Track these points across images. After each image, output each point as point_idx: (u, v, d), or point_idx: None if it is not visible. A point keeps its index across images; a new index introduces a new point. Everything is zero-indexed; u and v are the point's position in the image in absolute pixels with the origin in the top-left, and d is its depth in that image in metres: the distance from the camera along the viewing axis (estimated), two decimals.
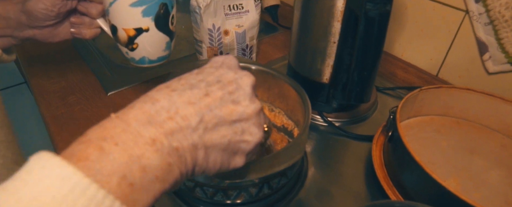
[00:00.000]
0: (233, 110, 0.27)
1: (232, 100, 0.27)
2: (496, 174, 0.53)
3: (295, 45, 0.63)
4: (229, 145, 0.28)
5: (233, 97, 0.27)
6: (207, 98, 0.26)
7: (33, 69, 0.78)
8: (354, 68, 0.51)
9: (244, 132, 0.28)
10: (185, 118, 0.25)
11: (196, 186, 0.46)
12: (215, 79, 0.28)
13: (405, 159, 0.47)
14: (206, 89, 0.27)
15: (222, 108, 0.27)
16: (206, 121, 0.26)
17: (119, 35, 0.51)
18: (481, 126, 0.61)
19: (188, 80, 0.28)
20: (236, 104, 0.27)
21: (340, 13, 0.52)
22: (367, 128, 0.64)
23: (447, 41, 0.68)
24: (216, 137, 0.27)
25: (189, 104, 0.26)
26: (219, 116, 0.26)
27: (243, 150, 0.29)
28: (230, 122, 0.27)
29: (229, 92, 0.27)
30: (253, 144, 0.29)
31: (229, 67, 0.29)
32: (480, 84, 0.65)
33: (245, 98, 0.28)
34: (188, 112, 0.25)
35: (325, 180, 0.55)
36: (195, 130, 0.25)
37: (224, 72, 0.29)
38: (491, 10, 0.58)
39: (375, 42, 0.48)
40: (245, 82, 0.28)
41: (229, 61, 0.30)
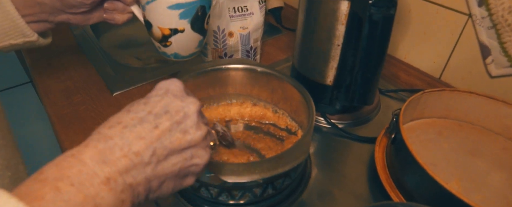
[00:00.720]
0: (182, 139, 0.29)
1: (180, 130, 0.29)
2: (498, 176, 0.54)
3: (299, 48, 0.64)
4: (180, 171, 0.30)
5: (181, 127, 0.29)
6: (156, 131, 0.28)
7: (38, 69, 0.79)
8: (358, 70, 0.51)
9: (193, 156, 0.30)
10: (137, 154, 0.27)
11: (201, 186, 0.46)
12: (163, 110, 0.29)
13: (407, 161, 0.48)
14: (155, 122, 0.28)
15: (171, 138, 0.28)
16: (158, 154, 0.28)
17: (154, 31, 0.52)
18: (483, 129, 0.61)
19: (137, 113, 0.29)
20: (184, 133, 0.29)
21: (345, 16, 0.53)
22: (370, 129, 0.65)
23: (450, 44, 0.68)
24: (167, 166, 0.29)
25: (140, 139, 0.27)
26: (169, 147, 0.28)
27: (194, 171, 0.31)
28: (179, 151, 0.29)
29: (177, 122, 0.29)
30: (202, 165, 0.31)
31: (175, 95, 0.31)
32: (483, 87, 0.66)
33: (192, 126, 0.30)
34: (140, 147, 0.27)
35: (328, 181, 0.55)
36: (148, 164, 0.27)
37: (170, 101, 0.30)
38: (494, 14, 0.59)
39: (378, 45, 0.49)
40: (191, 110, 0.30)
41: (174, 87, 0.31)
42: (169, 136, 0.28)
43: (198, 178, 0.33)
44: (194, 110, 0.30)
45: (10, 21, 0.48)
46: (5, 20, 0.48)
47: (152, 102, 0.30)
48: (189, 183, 0.32)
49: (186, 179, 0.31)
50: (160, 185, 0.29)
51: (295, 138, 0.56)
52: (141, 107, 0.29)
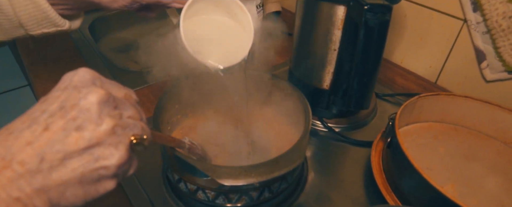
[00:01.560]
0: (79, 138, 0.24)
1: (76, 127, 0.24)
2: (493, 181, 0.54)
3: (296, 52, 0.65)
4: (85, 177, 0.25)
5: (77, 123, 0.24)
6: (46, 133, 0.24)
7: (37, 72, 0.79)
8: (354, 75, 0.52)
9: (99, 158, 0.25)
10: (22, 163, 0.23)
11: (198, 189, 0.47)
12: (58, 106, 0.25)
13: (403, 165, 0.48)
14: (46, 122, 0.24)
15: (65, 139, 0.24)
16: (48, 159, 0.23)
17: None
18: (479, 133, 0.62)
19: (31, 114, 0.25)
20: (80, 130, 0.24)
21: (341, 21, 0.53)
22: (366, 133, 0.65)
23: (445, 49, 0.69)
24: (65, 172, 0.24)
25: (27, 145, 0.23)
26: (63, 150, 0.24)
27: (105, 175, 0.26)
28: (78, 152, 0.24)
29: (72, 118, 0.24)
30: (113, 167, 0.26)
31: (75, 87, 0.26)
32: (478, 91, 0.66)
33: (91, 121, 0.24)
34: (26, 155, 0.23)
35: (325, 185, 0.55)
36: (38, 172, 0.23)
37: (68, 95, 0.25)
38: (488, 19, 0.60)
39: (374, 50, 0.49)
40: (90, 101, 0.25)
41: (77, 77, 0.27)
42: (62, 136, 0.24)
43: (121, 180, 0.28)
44: (94, 101, 0.25)
45: (42, 12, 0.47)
46: (37, 11, 0.47)
47: (50, 99, 0.25)
48: (107, 188, 0.27)
49: (100, 184, 0.26)
50: (63, 195, 0.25)
51: None
52: (38, 106, 0.26)
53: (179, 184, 0.48)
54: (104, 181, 0.26)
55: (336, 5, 0.53)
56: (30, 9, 0.47)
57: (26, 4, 0.46)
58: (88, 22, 0.98)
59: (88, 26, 0.97)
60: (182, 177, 0.47)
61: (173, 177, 0.49)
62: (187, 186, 0.47)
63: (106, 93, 0.26)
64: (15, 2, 0.46)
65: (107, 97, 0.26)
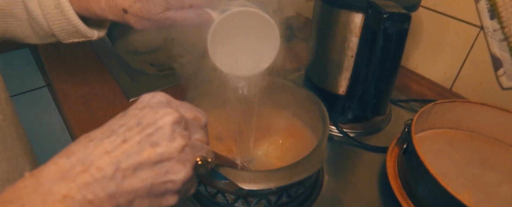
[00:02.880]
0: (153, 152, 0.27)
1: (151, 143, 0.27)
2: (508, 188, 0.54)
3: (313, 57, 0.65)
4: (153, 188, 0.27)
5: (152, 139, 0.27)
6: (124, 145, 0.26)
7: (56, 74, 0.81)
8: (371, 81, 0.52)
9: (167, 172, 0.28)
10: (100, 169, 0.25)
11: (218, 192, 0.48)
12: (136, 122, 0.28)
13: (419, 171, 0.48)
14: (125, 135, 0.27)
15: (140, 152, 0.26)
16: (122, 168, 0.26)
17: None
18: (494, 140, 0.62)
19: (110, 126, 0.28)
20: (155, 146, 0.27)
21: (358, 28, 0.54)
22: (381, 139, 0.66)
23: (461, 55, 0.69)
24: (136, 182, 0.26)
25: (105, 153, 0.26)
26: (138, 161, 0.26)
27: (171, 189, 0.28)
28: (150, 165, 0.27)
29: (148, 134, 0.27)
30: (179, 182, 0.28)
31: (152, 107, 0.29)
32: (494, 99, 0.66)
33: (164, 139, 0.27)
34: (103, 162, 0.25)
35: (340, 189, 0.56)
36: (112, 179, 0.25)
37: (145, 113, 0.28)
38: (506, 27, 0.60)
39: (392, 57, 0.50)
40: (165, 121, 0.28)
41: (154, 100, 0.30)
42: (138, 149, 0.26)
43: (183, 197, 0.31)
44: (169, 121, 0.28)
45: (72, 26, 0.50)
46: (68, 26, 0.49)
47: (128, 115, 0.28)
48: (169, 202, 0.29)
49: (164, 198, 0.29)
50: (131, 203, 0.27)
51: None
52: (117, 120, 0.28)
53: (199, 186, 0.49)
54: (168, 195, 0.29)
55: (354, 12, 0.54)
56: (63, 23, 0.49)
57: (59, 19, 0.49)
58: None
59: None
60: (202, 179, 0.48)
61: None
62: (207, 189, 0.48)
63: (179, 116, 0.29)
64: (49, 17, 0.48)
65: (180, 119, 0.29)
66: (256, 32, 0.45)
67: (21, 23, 0.50)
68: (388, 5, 0.48)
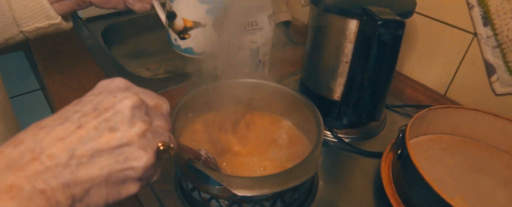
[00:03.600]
0: (111, 137, 0.25)
1: (109, 128, 0.25)
2: (502, 194, 0.54)
3: (308, 63, 0.66)
4: (111, 176, 0.26)
5: (110, 124, 0.25)
6: (79, 131, 0.25)
7: (51, 78, 0.80)
8: (366, 88, 0.53)
9: (127, 158, 0.26)
10: (52, 157, 0.24)
11: (211, 198, 0.48)
12: (92, 108, 0.26)
13: (414, 177, 0.49)
14: (80, 121, 0.25)
15: (97, 138, 0.25)
16: (78, 155, 0.24)
17: (176, 22, 0.54)
18: (488, 146, 0.62)
19: (63, 113, 0.26)
20: (113, 131, 0.25)
21: (353, 35, 0.54)
22: (376, 144, 0.66)
23: (455, 62, 0.69)
24: (92, 170, 0.25)
25: (58, 140, 0.24)
26: (94, 147, 0.25)
27: (132, 176, 0.27)
28: (108, 151, 0.25)
29: (105, 119, 0.25)
30: (141, 169, 0.27)
31: (110, 92, 0.27)
32: (488, 104, 0.67)
33: (123, 123, 0.26)
34: (56, 149, 0.24)
35: (335, 195, 0.56)
36: (66, 167, 0.24)
37: (103, 98, 0.27)
38: (499, 34, 0.60)
39: (387, 64, 0.50)
40: (124, 105, 0.26)
41: (113, 84, 0.29)
42: (94, 134, 0.25)
43: (144, 185, 0.29)
44: (128, 105, 0.26)
45: (36, 2, 0.49)
46: (32, 2, 0.49)
47: (84, 102, 0.27)
48: (130, 191, 0.28)
49: (124, 187, 0.27)
50: (87, 193, 0.25)
51: None
52: (71, 107, 0.27)
53: (193, 192, 0.49)
54: (129, 183, 0.27)
55: (349, 19, 0.54)
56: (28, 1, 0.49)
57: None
58: (101, 28, 1.00)
59: (100, 33, 0.98)
60: (196, 185, 0.48)
61: (186, 185, 0.50)
62: (201, 194, 0.48)
63: (139, 100, 0.27)
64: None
65: (140, 103, 0.27)
66: None
67: None
68: (382, 12, 0.48)
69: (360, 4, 0.52)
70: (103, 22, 1.03)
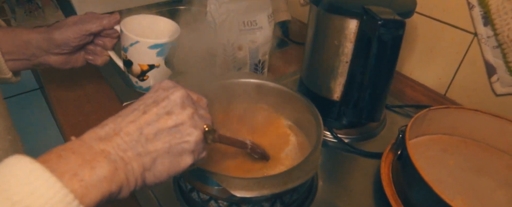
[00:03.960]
0: (168, 119, 0.33)
1: (166, 112, 0.33)
2: (502, 194, 0.54)
3: (308, 63, 0.65)
4: (171, 148, 0.33)
5: (167, 109, 0.33)
6: (144, 116, 0.33)
7: (50, 77, 0.80)
8: (366, 88, 0.52)
9: (182, 134, 0.34)
10: (128, 134, 0.31)
11: (210, 199, 0.47)
12: (152, 100, 0.34)
13: (414, 178, 0.48)
14: (144, 109, 0.33)
15: (158, 120, 0.33)
16: (146, 133, 0.32)
17: (133, 69, 0.62)
18: (488, 146, 0.62)
19: (132, 107, 0.34)
20: (170, 114, 0.33)
21: (353, 34, 0.54)
22: (376, 145, 0.66)
23: (455, 62, 0.69)
24: (158, 143, 0.32)
25: (131, 122, 0.32)
26: (157, 127, 0.33)
27: (187, 149, 0.34)
28: (168, 130, 0.33)
29: (162, 107, 0.33)
30: (193, 141, 0.34)
31: (164, 89, 0.35)
32: (488, 105, 0.67)
33: (177, 108, 0.34)
34: (130, 129, 0.32)
35: (334, 195, 0.56)
36: (138, 141, 0.32)
37: (159, 93, 0.35)
38: (499, 34, 0.60)
39: (387, 64, 0.50)
40: (175, 96, 0.34)
41: (164, 84, 0.36)
42: (156, 117, 0.33)
43: (196, 159, 0.36)
44: (178, 95, 0.34)
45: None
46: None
47: (145, 98, 0.35)
48: (186, 162, 0.34)
49: (182, 157, 0.34)
50: (154, 162, 0.32)
51: None
52: (137, 102, 0.35)
53: (192, 193, 0.49)
54: (185, 155, 0.34)
55: (349, 18, 0.54)
56: None
57: None
58: None
59: None
60: (195, 186, 0.48)
61: (185, 186, 0.50)
62: (200, 195, 0.48)
63: (186, 92, 0.36)
64: None
65: (187, 94, 0.35)
66: None
67: None
68: (383, 12, 0.48)
69: (360, 3, 0.51)
70: None
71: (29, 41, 0.55)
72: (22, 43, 0.55)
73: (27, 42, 0.55)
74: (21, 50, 0.55)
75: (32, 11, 1.04)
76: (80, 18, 0.58)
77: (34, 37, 0.55)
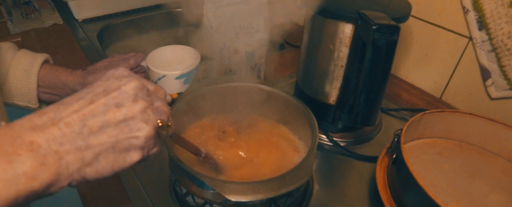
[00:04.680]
0: (117, 112, 0.30)
1: (115, 104, 0.31)
2: (497, 199, 0.54)
3: (303, 67, 0.65)
4: (118, 143, 0.30)
5: (117, 101, 0.31)
6: (91, 106, 0.30)
7: None
8: (361, 92, 0.52)
9: (131, 129, 0.31)
10: (68, 125, 0.29)
11: (205, 203, 0.47)
12: (102, 89, 0.31)
13: (408, 182, 0.48)
14: (92, 99, 0.30)
15: (106, 112, 0.30)
16: (90, 125, 0.29)
17: None
18: (483, 150, 0.62)
19: (78, 94, 0.31)
20: (119, 107, 0.31)
21: (349, 39, 0.54)
22: (371, 148, 0.66)
23: (450, 65, 0.70)
24: (102, 137, 0.30)
25: (74, 112, 0.29)
26: (103, 119, 0.30)
27: (135, 145, 0.31)
28: (115, 123, 0.30)
29: (112, 97, 0.31)
30: (143, 137, 0.31)
31: (117, 78, 0.33)
32: (483, 108, 0.67)
33: (128, 100, 0.31)
34: (72, 119, 0.29)
35: (329, 199, 0.56)
36: (79, 134, 0.29)
37: (110, 83, 0.32)
38: (494, 38, 0.60)
39: (382, 68, 0.50)
40: (129, 86, 0.32)
41: (118, 73, 0.34)
42: (103, 109, 0.30)
43: (145, 156, 0.33)
44: (132, 86, 0.32)
45: (26, 88, 0.57)
46: (23, 87, 0.56)
47: (95, 86, 0.32)
48: (133, 158, 0.32)
49: (129, 154, 0.32)
50: (96, 157, 0.30)
51: None
52: (85, 89, 0.32)
53: (187, 197, 0.49)
54: (132, 151, 0.32)
55: (344, 23, 0.54)
56: (21, 82, 0.56)
57: (21, 76, 0.56)
58: (97, 30, 1.00)
59: (96, 34, 0.98)
60: (190, 190, 0.48)
61: (180, 190, 0.50)
62: (195, 199, 0.48)
63: (141, 83, 0.33)
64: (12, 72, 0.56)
65: (142, 85, 0.33)
66: None
67: None
68: (377, 17, 0.48)
69: (356, 8, 0.52)
70: (99, 24, 1.03)
71: (66, 83, 0.58)
72: (60, 83, 0.58)
73: (65, 83, 0.58)
74: (57, 88, 0.59)
75: (29, 13, 1.04)
76: (110, 61, 0.62)
77: (71, 79, 0.58)
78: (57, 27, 1.02)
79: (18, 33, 0.96)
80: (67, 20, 1.04)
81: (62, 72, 0.59)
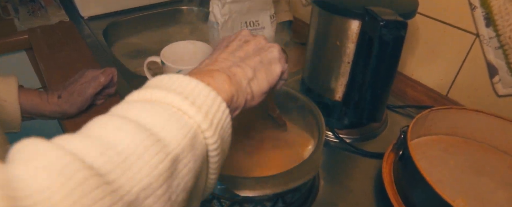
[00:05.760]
0: (249, 44, 0.41)
1: (244, 42, 0.41)
2: (503, 195, 0.54)
3: (310, 63, 0.66)
4: (262, 59, 0.39)
5: (243, 40, 0.41)
6: (228, 48, 0.40)
7: (52, 77, 0.80)
8: (368, 88, 0.52)
9: (265, 48, 0.40)
10: (224, 59, 0.38)
11: (213, 198, 0.48)
12: (231, 41, 0.42)
13: (415, 178, 0.48)
14: (226, 44, 0.41)
15: (242, 46, 0.40)
16: (238, 55, 0.39)
17: None
18: (489, 147, 0.62)
19: (212, 54, 0.40)
20: (248, 42, 0.41)
21: (355, 35, 0.54)
22: (377, 145, 0.66)
23: (457, 62, 0.69)
24: (251, 58, 0.39)
25: (221, 53, 0.39)
26: (244, 49, 0.40)
27: (275, 57, 0.40)
28: (253, 49, 0.40)
29: (239, 40, 0.41)
30: (276, 50, 0.41)
31: (254, 37, 0.42)
32: (489, 105, 0.67)
33: (250, 37, 0.42)
34: (224, 55, 0.39)
35: (335, 195, 0.56)
36: (234, 61, 0.38)
37: (259, 42, 0.41)
38: (501, 35, 0.60)
39: (389, 65, 0.50)
40: (245, 31, 0.43)
41: (245, 32, 0.43)
42: (238, 45, 0.41)
43: (284, 68, 0.41)
44: (259, 37, 0.42)
45: (10, 118, 0.62)
46: (6, 117, 0.61)
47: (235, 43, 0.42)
48: (277, 70, 0.40)
49: (272, 66, 0.40)
50: (254, 72, 0.38)
51: None
52: (235, 42, 0.41)
53: None
54: (274, 64, 0.40)
55: (351, 19, 0.54)
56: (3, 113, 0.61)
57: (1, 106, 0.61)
58: (102, 27, 1.00)
59: (102, 32, 0.98)
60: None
61: None
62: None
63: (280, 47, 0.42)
64: None
65: (265, 38, 0.43)
66: None
67: None
68: (385, 13, 0.48)
69: (362, 4, 0.52)
70: (104, 21, 1.03)
71: (43, 113, 0.65)
72: (37, 112, 0.65)
73: (42, 113, 0.65)
74: (35, 115, 0.66)
75: (35, 10, 1.05)
76: (82, 86, 0.66)
77: (48, 109, 0.65)
78: (63, 24, 1.02)
79: (24, 31, 0.97)
80: (73, 18, 1.05)
81: (39, 102, 0.65)
